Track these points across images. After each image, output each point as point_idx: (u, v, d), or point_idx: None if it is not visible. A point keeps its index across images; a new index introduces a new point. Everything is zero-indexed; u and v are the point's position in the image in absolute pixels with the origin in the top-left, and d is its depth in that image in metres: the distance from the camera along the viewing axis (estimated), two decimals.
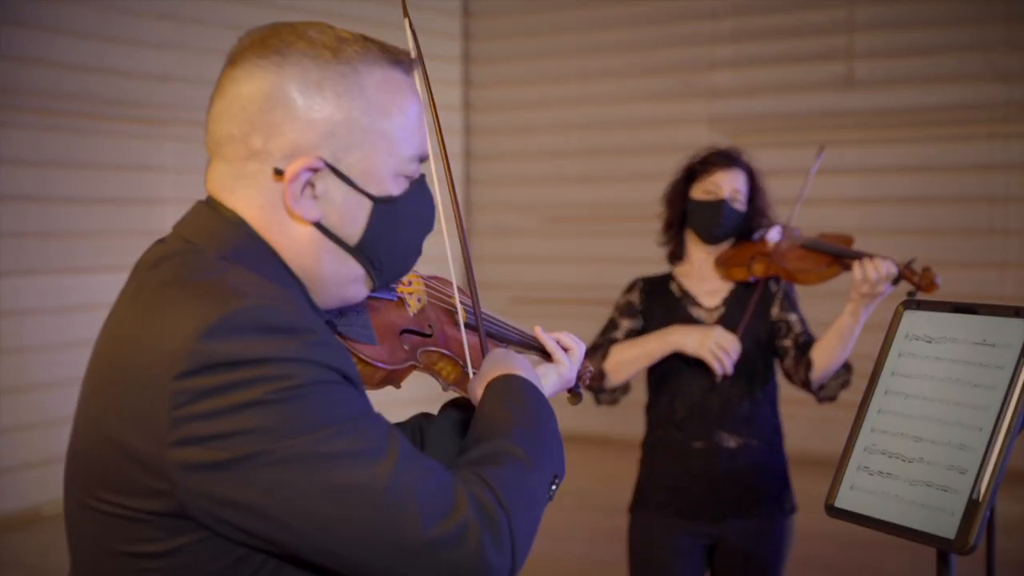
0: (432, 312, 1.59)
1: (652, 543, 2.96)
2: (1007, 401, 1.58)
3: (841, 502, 1.76)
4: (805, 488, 4.12)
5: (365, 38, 1.25)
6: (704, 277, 3.04)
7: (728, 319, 2.96)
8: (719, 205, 2.94)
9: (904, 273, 2.83)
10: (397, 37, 1.40)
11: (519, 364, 1.44)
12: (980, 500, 1.55)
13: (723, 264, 3.01)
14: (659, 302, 3.04)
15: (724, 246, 3.04)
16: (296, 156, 1.19)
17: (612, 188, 7.89)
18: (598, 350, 3.01)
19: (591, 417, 3.20)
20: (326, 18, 1.29)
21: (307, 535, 1.10)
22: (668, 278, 3.08)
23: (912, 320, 1.79)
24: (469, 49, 8.59)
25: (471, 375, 1.55)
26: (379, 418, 1.17)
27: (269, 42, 1.20)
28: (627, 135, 7.90)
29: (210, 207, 1.24)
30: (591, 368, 1.78)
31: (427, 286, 1.62)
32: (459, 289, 1.62)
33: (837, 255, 2.95)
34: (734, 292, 3.01)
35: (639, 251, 3.34)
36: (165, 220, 6.46)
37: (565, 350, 1.65)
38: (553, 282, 8.22)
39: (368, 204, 1.23)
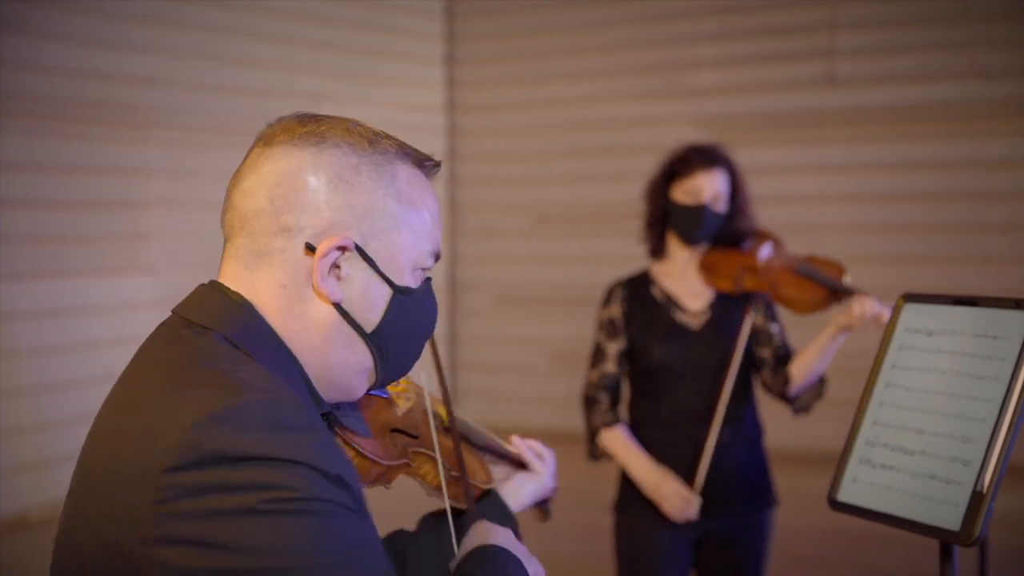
0: (417, 414, 1.58)
1: (637, 541, 2.97)
2: (1010, 392, 1.58)
3: (844, 495, 1.76)
4: (798, 484, 4.14)
5: (394, 137, 1.27)
6: (687, 278, 3.03)
7: (713, 326, 2.97)
8: (700, 210, 2.93)
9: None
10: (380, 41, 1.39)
11: (501, 536, 1.40)
12: (984, 492, 1.56)
13: (709, 270, 2.99)
14: (641, 309, 3.01)
15: (706, 245, 3.03)
16: (328, 235, 1.19)
17: (597, 188, 7.90)
18: (593, 404, 3.01)
19: (578, 416, 3.20)
20: (316, 19, 1.28)
21: None
22: (648, 280, 3.05)
23: (912, 313, 1.79)
24: (453, 50, 8.59)
25: (443, 480, 1.55)
26: (377, 554, 1.11)
27: (307, 126, 1.22)
28: (612, 135, 7.91)
29: (215, 288, 1.22)
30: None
31: (416, 389, 1.61)
32: (430, 395, 1.61)
33: (833, 290, 2.95)
34: (719, 297, 3.00)
35: (625, 250, 3.34)
36: (153, 224, 6.47)
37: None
38: (539, 282, 8.22)
39: (388, 292, 1.24)
